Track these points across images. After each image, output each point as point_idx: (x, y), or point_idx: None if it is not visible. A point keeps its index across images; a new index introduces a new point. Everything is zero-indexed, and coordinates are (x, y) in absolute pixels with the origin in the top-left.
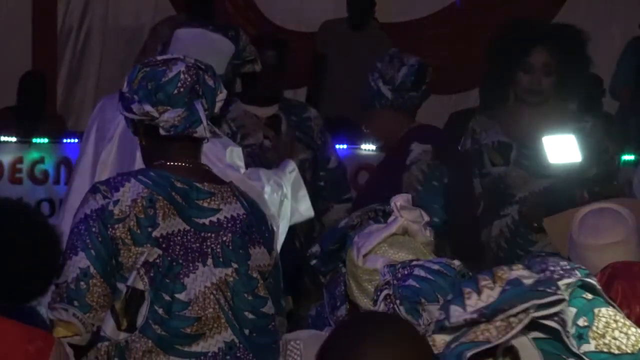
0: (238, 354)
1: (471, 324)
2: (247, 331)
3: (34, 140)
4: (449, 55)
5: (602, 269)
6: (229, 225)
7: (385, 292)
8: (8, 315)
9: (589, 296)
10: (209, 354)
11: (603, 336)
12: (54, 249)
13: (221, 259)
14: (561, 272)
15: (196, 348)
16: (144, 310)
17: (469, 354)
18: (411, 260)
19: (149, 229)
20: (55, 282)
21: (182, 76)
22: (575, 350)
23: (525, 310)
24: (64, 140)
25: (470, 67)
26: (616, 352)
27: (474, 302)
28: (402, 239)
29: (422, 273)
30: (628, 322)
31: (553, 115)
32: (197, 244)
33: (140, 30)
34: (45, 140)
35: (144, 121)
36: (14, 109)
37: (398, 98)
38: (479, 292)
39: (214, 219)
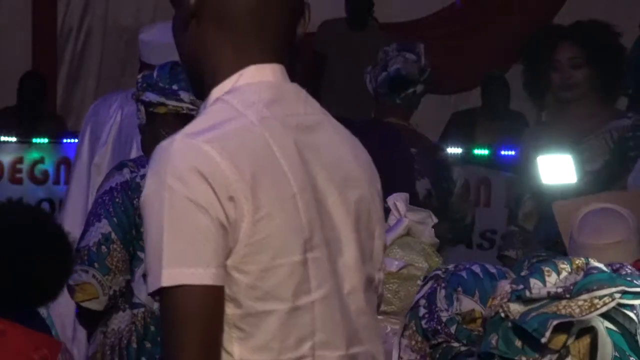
0: None
1: (553, 298)
2: None
3: (34, 140)
4: (449, 55)
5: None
6: None
7: (437, 272)
8: (9, 316)
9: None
10: None
11: None
12: (67, 254)
13: None
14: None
15: None
16: None
17: (554, 322)
18: (474, 263)
19: None
20: (75, 247)
21: None
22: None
23: (612, 295)
24: (64, 140)
25: (471, 67)
26: None
27: (554, 280)
28: (409, 240)
29: (477, 270)
30: None
31: (591, 112)
32: None
33: (140, 30)
34: (45, 140)
35: (182, 108)
36: (13, 108)
37: (378, 100)
38: (558, 273)
39: None
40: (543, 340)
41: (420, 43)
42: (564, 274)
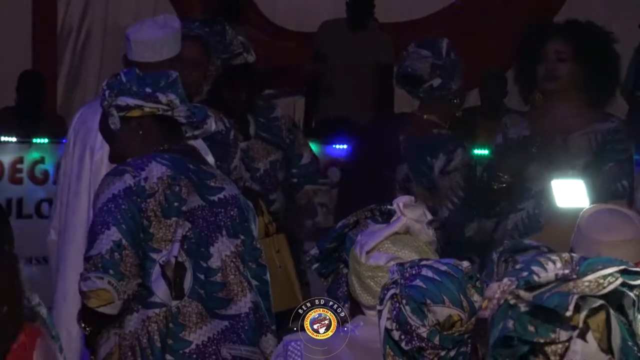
0: (260, 313)
1: (561, 280)
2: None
3: (34, 140)
4: None
5: None
6: (233, 201)
7: (392, 291)
8: None
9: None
10: (242, 315)
11: None
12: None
13: (232, 231)
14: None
15: (230, 311)
16: (188, 278)
17: (575, 296)
18: (420, 260)
19: (176, 204)
20: (85, 255)
21: (179, 80)
22: (635, 329)
23: (614, 275)
24: (64, 141)
25: (470, 67)
26: None
27: (560, 266)
28: (404, 237)
29: (430, 274)
30: None
31: (577, 111)
32: (213, 218)
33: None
34: (46, 140)
35: (159, 109)
36: (13, 108)
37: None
38: (553, 262)
39: (221, 196)
40: (568, 313)
41: (443, 39)
42: (558, 264)
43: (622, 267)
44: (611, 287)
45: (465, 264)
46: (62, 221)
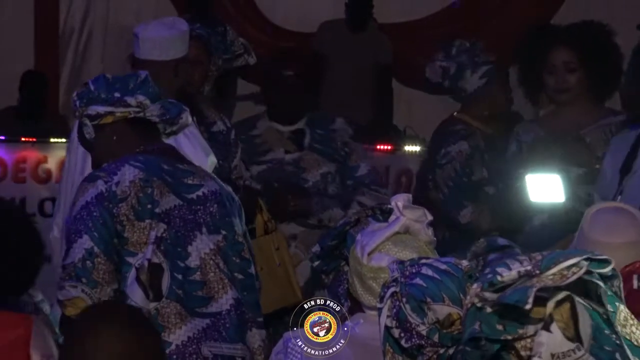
0: (243, 309)
1: (525, 276)
2: (241, 290)
3: (37, 140)
4: None
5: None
6: (212, 197)
7: (392, 289)
8: None
9: (610, 292)
10: (223, 312)
11: (624, 326)
12: (38, 247)
13: (212, 227)
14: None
15: (211, 309)
16: (166, 279)
17: (534, 289)
18: (420, 258)
19: (149, 206)
20: (61, 264)
21: (149, 79)
22: (612, 319)
23: (578, 264)
24: (67, 140)
25: None
26: (635, 343)
27: (517, 266)
28: (405, 237)
29: (430, 272)
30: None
31: (586, 109)
32: (192, 216)
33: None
34: (49, 140)
35: (130, 113)
36: (16, 108)
37: None
38: (520, 262)
39: (199, 193)
40: (527, 306)
41: (456, 41)
42: (525, 263)
43: (585, 257)
44: (575, 277)
45: (465, 263)
46: (74, 200)
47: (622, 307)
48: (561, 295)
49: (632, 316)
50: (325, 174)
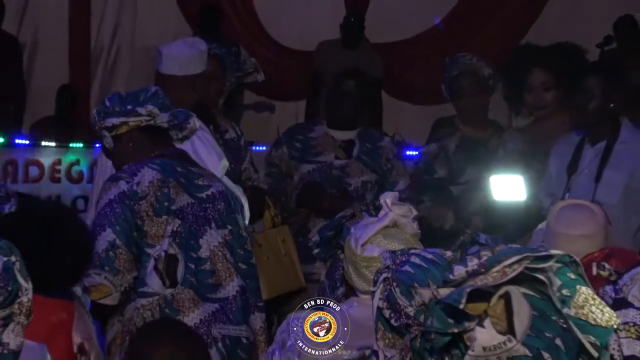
0: (247, 295)
1: (472, 276)
2: (244, 278)
3: (71, 144)
4: (432, 71)
5: (602, 249)
6: (220, 196)
7: (384, 275)
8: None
9: (573, 276)
10: (230, 298)
11: (582, 307)
12: (87, 244)
13: (220, 222)
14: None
15: (219, 295)
16: (181, 268)
17: (468, 290)
18: (409, 249)
19: (166, 204)
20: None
21: (160, 92)
22: (558, 306)
23: (519, 262)
24: (96, 145)
25: None
26: (592, 322)
27: (475, 263)
28: (393, 230)
29: (418, 261)
30: (603, 302)
31: (563, 118)
32: (202, 213)
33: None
34: (80, 145)
35: (142, 121)
36: (53, 117)
37: None
38: (479, 258)
39: (208, 192)
40: (461, 306)
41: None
42: (483, 257)
43: (524, 255)
44: (513, 274)
45: (449, 253)
46: (98, 198)
47: (583, 289)
48: (502, 291)
49: (594, 297)
50: (365, 182)
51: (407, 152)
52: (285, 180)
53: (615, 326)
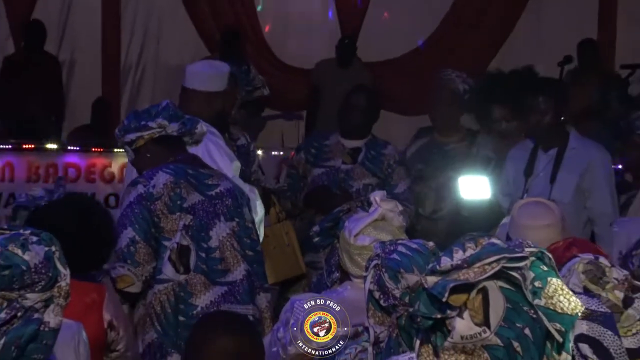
0: (253, 278)
1: (456, 269)
2: (251, 263)
3: (104, 150)
4: (414, 86)
5: (565, 239)
6: (227, 193)
7: (374, 262)
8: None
9: (545, 268)
10: (237, 281)
11: (551, 297)
12: (110, 232)
13: (228, 216)
14: (527, 245)
15: (228, 279)
16: (193, 257)
17: (451, 284)
18: (397, 240)
19: (179, 202)
20: (114, 249)
21: (170, 105)
22: (529, 299)
23: (498, 261)
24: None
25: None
26: (559, 311)
27: (460, 256)
28: (381, 223)
29: (404, 250)
30: (571, 292)
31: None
32: (212, 208)
33: (182, 68)
34: (112, 150)
35: (155, 133)
36: (88, 126)
37: None
38: (464, 250)
39: (217, 190)
40: (443, 299)
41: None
42: (469, 251)
43: (502, 256)
44: (492, 272)
45: (431, 244)
46: (121, 200)
47: (554, 280)
48: (481, 285)
49: (563, 287)
50: (367, 185)
51: None
52: (302, 180)
53: (579, 313)
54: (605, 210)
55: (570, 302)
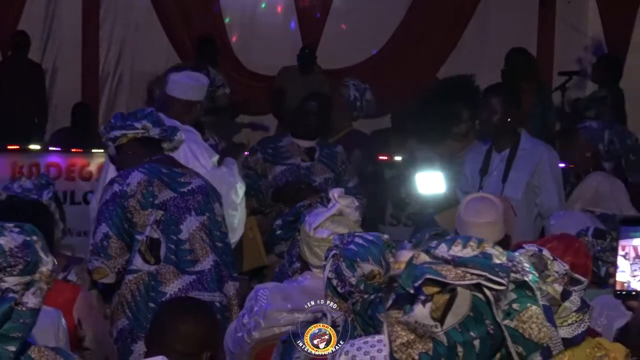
0: (221, 268)
1: (445, 261)
2: (220, 254)
3: (83, 150)
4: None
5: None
6: (198, 190)
7: (333, 252)
8: None
9: (529, 294)
10: (205, 271)
11: (524, 322)
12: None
13: (199, 210)
14: (519, 268)
15: (196, 268)
16: (163, 249)
17: (427, 275)
18: (354, 232)
19: (150, 199)
20: (90, 244)
21: (154, 113)
22: (497, 316)
23: (478, 276)
24: (102, 151)
25: (384, 100)
26: (526, 336)
27: (458, 250)
28: (339, 218)
29: (360, 241)
30: (546, 323)
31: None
32: (184, 204)
33: (156, 74)
34: (90, 151)
35: (138, 134)
36: (69, 129)
37: None
38: (463, 246)
39: (189, 187)
40: (415, 284)
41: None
42: (468, 249)
43: (484, 274)
44: (467, 282)
45: (385, 236)
46: (100, 198)
47: (533, 307)
48: (447, 288)
49: (539, 316)
50: (327, 179)
51: None
52: (261, 179)
53: (545, 345)
54: (553, 206)
55: (540, 332)
